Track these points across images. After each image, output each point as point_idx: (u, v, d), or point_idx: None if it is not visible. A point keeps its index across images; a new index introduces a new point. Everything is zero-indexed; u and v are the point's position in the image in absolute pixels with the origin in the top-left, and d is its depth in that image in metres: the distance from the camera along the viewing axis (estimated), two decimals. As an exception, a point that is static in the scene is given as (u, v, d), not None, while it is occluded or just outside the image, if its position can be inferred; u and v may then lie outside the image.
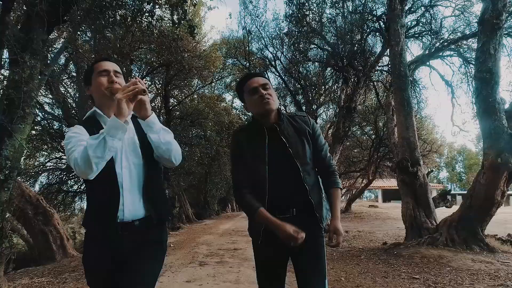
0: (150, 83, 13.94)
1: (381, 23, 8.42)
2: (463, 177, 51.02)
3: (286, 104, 14.67)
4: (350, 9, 8.76)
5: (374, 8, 8.80)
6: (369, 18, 8.48)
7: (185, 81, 13.45)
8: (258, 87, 1.55)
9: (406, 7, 7.99)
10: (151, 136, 1.36)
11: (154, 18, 6.30)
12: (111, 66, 1.46)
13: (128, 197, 1.34)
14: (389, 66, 8.62)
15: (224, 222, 15.68)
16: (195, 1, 5.27)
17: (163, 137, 1.36)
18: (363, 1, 8.49)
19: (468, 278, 3.94)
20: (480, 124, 5.36)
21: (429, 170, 8.81)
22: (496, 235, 6.04)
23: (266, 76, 1.89)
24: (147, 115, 1.35)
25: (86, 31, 7.61)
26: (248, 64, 11.65)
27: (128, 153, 1.38)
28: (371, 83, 11.51)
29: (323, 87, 14.24)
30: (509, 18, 8.80)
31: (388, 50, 8.15)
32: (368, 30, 8.86)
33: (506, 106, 5.95)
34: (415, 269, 4.54)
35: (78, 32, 7.04)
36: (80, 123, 1.47)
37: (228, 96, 21.79)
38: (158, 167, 1.49)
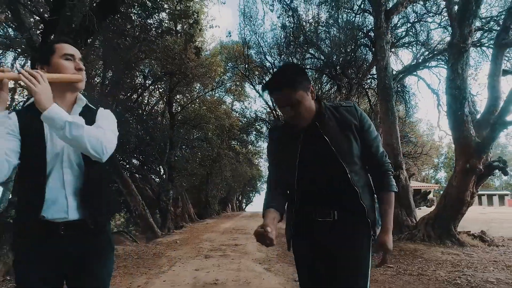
0: (153, 87, 14.68)
1: (369, 39, 9.14)
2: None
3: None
4: (342, 24, 9.48)
5: (363, 24, 9.55)
6: (359, 34, 9.22)
7: (188, 88, 14.14)
8: (280, 105, 1.40)
9: (392, 24, 8.70)
10: (56, 133, 1.18)
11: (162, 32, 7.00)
12: (76, 51, 1.33)
13: (72, 197, 1.24)
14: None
15: (225, 221, 16.37)
16: (200, 27, 5.98)
17: (69, 133, 1.14)
18: (353, 19, 9.22)
19: (433, 266, 4.67)
20: (452, 133, 6.10)
21: (412, 173, 9.46)
22: (469, 231, 6.76)
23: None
24: (41, 108, 1.14)
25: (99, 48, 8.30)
26: (248, 73, 12.35)
27: (70, 152, 1.25)
28: (364, 90, 12.25)
29: (320, 91, 15.06)
30: (492, 33, 9.56)
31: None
32: (358, 44, 9.61)
33: (478, 116, 6.71)
34: (392, 260, 5.24)
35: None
36: (17, 110, 1.30)
37: (228, 99, 22.49)
38: (101, 167, 1.32)
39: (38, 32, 4.96)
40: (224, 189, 24.27)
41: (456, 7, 5.80)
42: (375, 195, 1.46)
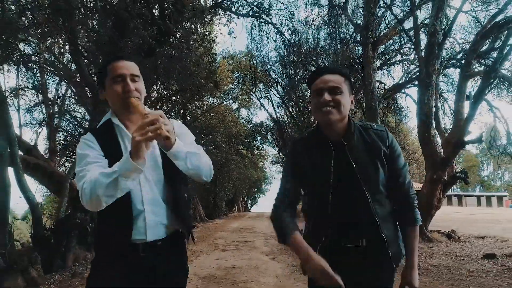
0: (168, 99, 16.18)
1: (359, 65, 10.54)
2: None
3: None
4: (337, 51, 10.89)
5: (354, 52, 10.96)
6: (350, 61, 10.62)
7: (200, 100, 15.59)
8: (323, 89, 1.27)
9: (379, 52, 10.07)
10: (177, 163, 1.20)
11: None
12: (127, 69, 1.24)
13: (151, 217, 1.24)
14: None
15: (233, 222, 17.79)
16: (217, 64, 7.36)
17: (190, 162, 1.20)
18: (344, 48, 10.63)
19: (400, 256, 6.04)
20: (422, 150, 7.45)
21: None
22: (440, 230, 8.11)
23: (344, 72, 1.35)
24: (170, 146, 1.15)
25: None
26: (254, 89, 13.79)
27: (146, 170, 1.20)
28: (358, 103, 13.61)
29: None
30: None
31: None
32: (351, 70, 11.04)
33: (447, 135, 8.07)
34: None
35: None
36: (91, 131, 1.29)
37: (234, 105, 23.88)
38: (182, 182, 1.33)
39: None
40: (231, 191, 25.69)
41: (423, 51, 7.17)
42: (399, 228, 1.40)
